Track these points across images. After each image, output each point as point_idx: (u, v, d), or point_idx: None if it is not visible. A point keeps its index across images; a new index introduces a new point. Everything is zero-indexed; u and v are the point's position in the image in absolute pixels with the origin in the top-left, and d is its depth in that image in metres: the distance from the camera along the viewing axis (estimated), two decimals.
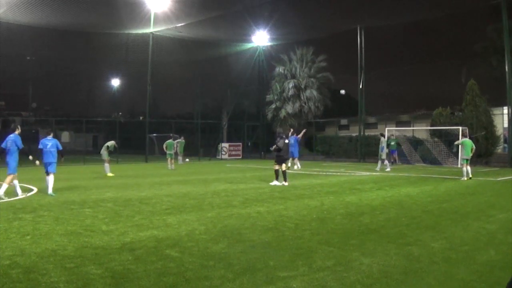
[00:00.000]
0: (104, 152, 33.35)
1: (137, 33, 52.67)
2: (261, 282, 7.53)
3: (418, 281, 7.73)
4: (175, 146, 43.90)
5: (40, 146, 20.90)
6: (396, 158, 43.64)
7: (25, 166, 37.45)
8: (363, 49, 52.18)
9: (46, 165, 20.71)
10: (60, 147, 20.79)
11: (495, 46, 48.70)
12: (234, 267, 8.35)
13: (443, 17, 48.77)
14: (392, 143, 41.93)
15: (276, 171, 24.69)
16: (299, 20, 50.17)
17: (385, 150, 37.78)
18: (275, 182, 24.32)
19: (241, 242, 10.48)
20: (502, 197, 19.48)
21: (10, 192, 20.26)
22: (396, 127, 53.50)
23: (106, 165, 33.32)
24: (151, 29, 51.19)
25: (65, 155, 22.76)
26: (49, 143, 20.59)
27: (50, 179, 20.33)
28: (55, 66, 77.08)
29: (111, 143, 33.93)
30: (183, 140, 46.98)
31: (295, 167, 36.51)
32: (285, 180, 24.23)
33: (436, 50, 60.58)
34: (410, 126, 56.16)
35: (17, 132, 20.17)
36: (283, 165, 24.71)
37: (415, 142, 47.62)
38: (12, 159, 19.59)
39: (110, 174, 32.32)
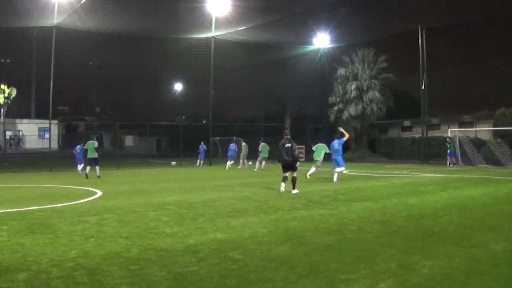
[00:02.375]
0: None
1: (199, 38, 53.05)
2: (323, 284, 7.51)
3: (479, 284, 7.62)
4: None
5: None
6: (452, 160, 43.31)
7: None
8: (424, 50, 51.61)
9: None
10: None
11: None
12: (296, 269, 8.34)
13: (505, 15, 47.87)
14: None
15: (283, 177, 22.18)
16: (360, 22, 49.86)
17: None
18: (282, 185, 22.10)
19: (303, 244, 10.45)
20: None
21: (74, 194, 20.61)
22: (459, 128, 52.81)
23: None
24: (212, 33, 51.50)
25: (130, 158, 23.16)
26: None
27: None
28: (118, 71, 78.42)
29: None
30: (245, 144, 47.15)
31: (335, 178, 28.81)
32: (293, 187, 21.73)
33: (499, 49, 59.54)
34: (472, 127, 55.39)
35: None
36: (289, 172, 22.07)
37: (478, 143, 46.89)
38: None
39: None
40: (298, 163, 22.19)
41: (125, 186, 25.84)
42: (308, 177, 31.11)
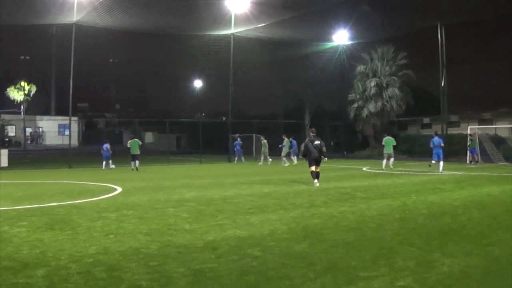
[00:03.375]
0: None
1: (219, 35, 53.10)
2: (342, 282, 7.51)
3: (498, 282, 7.60)
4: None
5: None
6: (474, 157, 43.20)
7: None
8: (443, 46, 51.39)
9: None
10: None
11: None
12: (315, 266, 8.34)
13: None
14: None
15: (311, 172, 23.60)
16: (379, 19, 49.69)
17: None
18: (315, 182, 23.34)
19: (323, 242, 10.46)
20: None
21: (94, 191, 20.73)
22: (479, 125, 52.54)
23: None
24: (231, 30, 51.53)
25: (149, 155, 23.36)
26: None
27: None
28: (138, 68, 78.66)
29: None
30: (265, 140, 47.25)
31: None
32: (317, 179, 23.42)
33: None
34: (492, 124, 55.09)
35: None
36: (317, 167, 23.61)
37: (497, 141, 46.63)
38: None
39: None
40: (325, 158, 23.84)
41: (145, 183, 25.95)
42: (391, 166, 36.75)
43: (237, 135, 54.91)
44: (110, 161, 41.51)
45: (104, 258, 9.02)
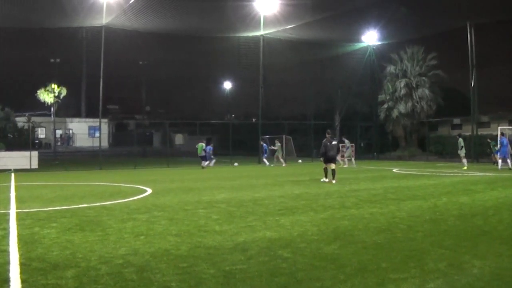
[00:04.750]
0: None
1: (248, 36, 53.19)
2: (372, 283, 7.50)
3: None
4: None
5: None
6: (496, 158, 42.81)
7: (141, 167, 38.61)
8: (473, 46, 51.06)
9: None
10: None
11: None
12: (345, 268, 8.33)
13: None
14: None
15: (325, 169, 26.96)
16: (409, 19, 49.51)
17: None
18: (323, 179, 26.84)
19: (353, 243, 10.44)
20: None
21: (124, 192, 20.86)
22: (509, 125, 52.10)
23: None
24: (261, 32, 51.59)
25: (180, 157, 23.37)
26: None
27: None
28: (168, 70, 78.85)
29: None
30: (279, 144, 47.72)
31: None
32: (333, 178, 26.20)
33: None
34: None
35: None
36: (332, 165, 26.47)
37: None
38: None
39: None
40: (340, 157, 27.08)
41: (175, 184, 26.06)
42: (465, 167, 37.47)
43: (267, 136, 54.95)
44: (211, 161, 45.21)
45: (134, 259, 9.07)
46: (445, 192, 20.63)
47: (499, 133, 42.28)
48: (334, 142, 26.64)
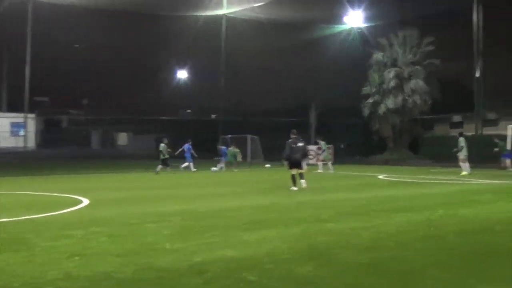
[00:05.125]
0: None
1: (208, 15, 53.04)
2: None
3: None
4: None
5: None
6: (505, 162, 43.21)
7: (76, 173, 38.45)
8: (480, 29, 51.41)
9: None
10: None
11: None
12: None
13: None
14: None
15: (292, 176, 26.94)
16: None
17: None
18: (292, 188, 26.56)
19: (331, 264, 10.46)
20: None
21: (56, 203, 20.72)
22: None
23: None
24: (223, 10, 51.49)
25: (123, 160, 23.29)
26: None
27: None
28: (110, 55, 78.32)
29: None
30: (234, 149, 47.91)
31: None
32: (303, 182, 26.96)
33: None
34: None
35: None
36: (298, 170, 27.12)
37: None
38: None
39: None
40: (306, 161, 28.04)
41: (118, 193, 25.96)
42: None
43: (229, 136, 54.91)
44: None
45: (66, 285, 8.97)
46: (441, 203, 20.74)
47: (510, 133, 42.73)
48: (300, 144, 27.15)
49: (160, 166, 42.86)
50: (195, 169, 44.05)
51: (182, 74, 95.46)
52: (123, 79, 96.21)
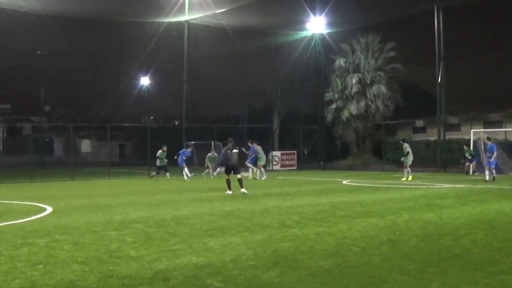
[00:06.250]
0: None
1: (170, 22, 52.90)
2: None
3: None
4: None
5: None
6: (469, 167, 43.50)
7: (39, 180, 38.13)
8: (441, 35, 51.72)
9: None
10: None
11: None
12: None
13: None
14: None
15: (227, 181, 29.12)
16: (364, 1, 49.87)
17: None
18: (227, 192, 28.63)
19: (296, 269, 10.41)
20: None
21: (18, 211, 20.53)
22: (484, 128, 52.93)
23: None
24: (186, 17, 51.38)
25: (86, 167, 23.16)
26: None
27: None
28: (73, 62, 77.75)
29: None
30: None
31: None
32: (241, 187, 28.61)
33: None
34: (501, 127, 55.46)
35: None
36: (237, 175, 29.16)
37: (509, 147, 46.90)
38: None
39: None
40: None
41: (81, 201, 25.78)
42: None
43: (192, 142, 54.73)
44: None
45: None
46: (405, 207, 20.85)
47: (472, 137, 43.00)
48: (235, 150, 29.03)
49: (155, 172, 43.21)
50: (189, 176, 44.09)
51: (145, 81, 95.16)
52: (86, 86, 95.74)
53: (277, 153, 59.16)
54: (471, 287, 9.02)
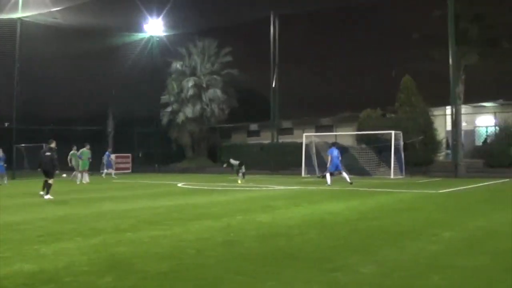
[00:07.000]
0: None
1: (1, 19, 51.51)
2: None
3: None
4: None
5: None
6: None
7: None
8: (277, 41, 52.47)
9: None
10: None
11: (438, 35, 47.53)
12: None
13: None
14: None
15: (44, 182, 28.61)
16: (201, 6, 50.02)
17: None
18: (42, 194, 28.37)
19: (131, 274, 10.26)
20: (445, 212, 19.97)
21: None
22: (316, 132, 54.03)
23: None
24: (19, 14, 50.18)
25: None
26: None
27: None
28: None
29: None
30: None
31: None
32: (46, 192, 27.95)
33: (366, 40, 59.98)
34: (332, 131, 56.76)
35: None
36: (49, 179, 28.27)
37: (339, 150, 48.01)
38: None
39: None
40: (57, 171, 29.60)
41: None
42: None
43: (23, 145, 53.50)
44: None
45: None
46: (240, 209, 21.00)
47: (304, 141, 43.68)
48: (47, 153, 28.40)
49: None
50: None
51: None
52: None
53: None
54: (305, 284, 9.13)
